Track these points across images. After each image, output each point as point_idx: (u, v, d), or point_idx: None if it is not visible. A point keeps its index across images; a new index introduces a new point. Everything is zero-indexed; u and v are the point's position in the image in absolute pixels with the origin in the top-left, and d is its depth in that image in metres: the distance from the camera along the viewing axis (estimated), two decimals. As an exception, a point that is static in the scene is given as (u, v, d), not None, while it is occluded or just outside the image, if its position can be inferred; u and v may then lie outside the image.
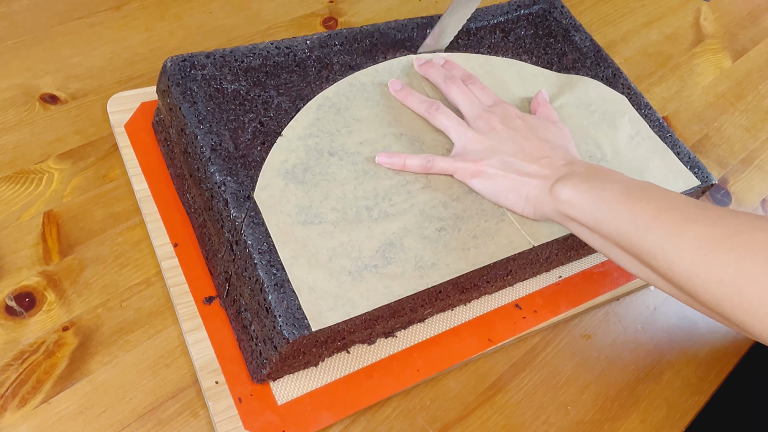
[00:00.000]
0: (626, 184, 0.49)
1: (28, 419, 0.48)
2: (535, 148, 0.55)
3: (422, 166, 0.54)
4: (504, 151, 0.54)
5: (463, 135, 0.55)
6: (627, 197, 0.48)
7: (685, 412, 0.62)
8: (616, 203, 0.48)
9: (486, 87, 0.60)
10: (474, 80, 0.60)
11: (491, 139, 0.55)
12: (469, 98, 0.58)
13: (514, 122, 0.56)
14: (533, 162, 0.54)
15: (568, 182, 0.51)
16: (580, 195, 0.50)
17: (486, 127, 0.56)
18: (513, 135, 0.55)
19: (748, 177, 0.82)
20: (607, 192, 0.49)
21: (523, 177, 0.53)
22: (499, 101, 0.59)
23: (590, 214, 0.49)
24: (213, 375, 0.51)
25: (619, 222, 0.47)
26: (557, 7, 0.70)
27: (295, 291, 0.46)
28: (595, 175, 0.51)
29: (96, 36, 0.68)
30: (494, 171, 0.53)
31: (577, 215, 0.50)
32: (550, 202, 0.52)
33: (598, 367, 0.62)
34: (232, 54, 0.55)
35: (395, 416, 0.54)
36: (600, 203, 0.49)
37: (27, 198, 0.57)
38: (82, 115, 0.63)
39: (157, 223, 0.56)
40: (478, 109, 0.57)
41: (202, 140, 0.50)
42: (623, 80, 0.67)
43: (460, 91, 0.58)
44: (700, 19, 0.97)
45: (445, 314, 0.58)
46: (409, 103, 0.58)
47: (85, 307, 0.53)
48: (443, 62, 0.61)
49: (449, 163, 0.54)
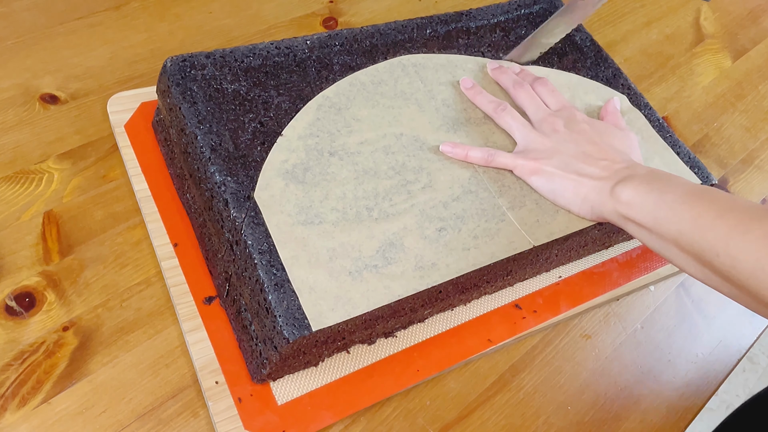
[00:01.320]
0: (688, 186, 0.50)
1: (28, 419, 0.48)
2: (596, 151, 0.56)
3: (484, 158, 0.56)
4: (564, 152, 0.55)
5: (527, 135, 0.57)
6: (689, 198, 0.48)
7: (685, 412, 0.62)
8: (678, 204, 0.49)
9: (556, 90, 0.61)
10: (543, 82, 0.61)
11: (553, 141, 0.56)
12: (536, 102, 0.60)
13: (579, 126, 0.58)
14: (593, 164, 0.55)
15: (629, 184, 0.52)
16: (641, 196, 0.51)
17: (549, 129, 0.57)
18: (575, 138, 0.56)
19: (748, 177, 0.82)
20: (668, 194, 0.49)
21: (582, 178, 0.54)
22: (567, 105, 0.60)
23: (651, 215, 0.50)
24: (213, 375, 0.51)
25: (681, 222, 0.48)
26: (557, 7, 0.70)
27: (295, 291, 0.46)
28: (656, 178, 0.52)
29: (96, 36, 0.68)
30: (553, 170, 0.55)
31: (636, 216, 0.51)
32: (609, 203, 0.52)
33: (598, 367, 0.62)
34: (232, 54, 0.55)
35: (395, 416, 0.54)
36: (661, 204, 0.49)
37: (27, 198, 0.57)
38: (82, 115, 0.63)
39: (157, 223, 0.56)
40: (543, 113, 0.59)
41: (202, 140, 0.50)
42: (623, 80, 0.67)
43: (527, 95, 0.60)
44: (700, 19, 0.97)
45: (445, 314, 0.58)
46: (477, 101, 0.59)
47: (85, 307, 0.53)
48: (519, 70, 0.63)
49: (510, 158, 0.56)
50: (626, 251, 0.67)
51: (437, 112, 0.59)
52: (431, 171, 0.55)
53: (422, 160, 0.55)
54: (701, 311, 0.68)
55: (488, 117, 0.60)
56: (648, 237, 0.51)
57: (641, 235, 0.52)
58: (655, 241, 0.51)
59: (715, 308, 0.69)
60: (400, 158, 0.55)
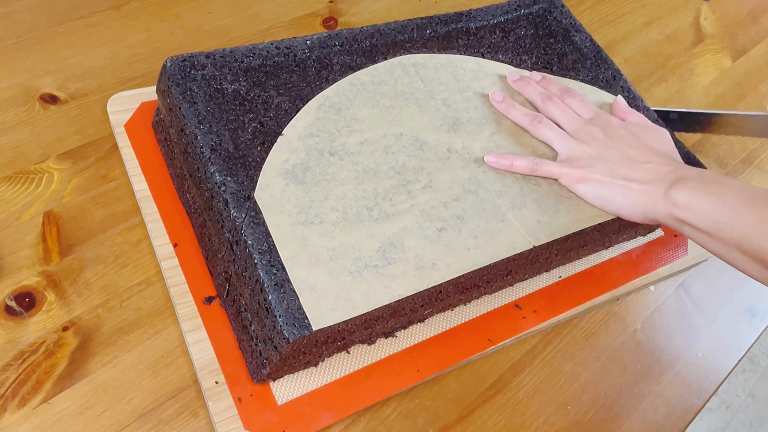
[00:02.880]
0: (745, 188, 0.50)
1: (28, 419, 0.48)
2: (640, 154, 0.56)
3: (529, 167, 0.56)
4: (609, 158, 0.56)
5: (567, 144, 0.57)
6: (751, 201, 0.48)
7: (685, 412, 0.62)
8: (739, 207, 0.48)
9: (585, 99, 0.61)
10: (572, 93, 0.61)
11: (595, 148, 0.56)
12: (568, 114, 0.60)
13: (617, 131, 0.58)
14: (639, 168, 0.55)
15: (684, 186, 0.52)
16: (698, 199, 0.50)
17: (588, 137, 0.57)
18: (616, 143, 0.57)
19: (748, 177, 0.82)
20: (728, 197, 0.49)
21: (631, 183, 0.54)
22: (599, 112, 0.60)
23: (710, 218, 0.50)
24: (213, 375, 0.51)
25: (745, 226, 0.48)
26: (557, 7, 0.70)
27: (295, 291, 0.46)
28: (710, 180, 0.52)
29: (96, 36, 0.68)
30: (601, 177, 0.55)
31: (694, 220, 0.51)
32: (663, 207, 0.52)
33: (598, 367, 0.62)
34: (232, 54, 0.55)
35: (395, 416, 0.54)
36: (721, 207, 0.49)
37: (27, 198, 0.57)
38: (82, 115, 0.63)
39: (157, 223, 0.56)
40: (578, 123, 0.59)
41: (202, 140, 0.50)
42: (623, 82, 0.67)
43: (558, 108, 0.60)
44: (700, 19, 0.97)
45: (445, 314, 0.58)
46: (511, 115, 0.59)
47: (85, 307, 0.53)
48: (540, 78, 0.63)
49: (556, 167, 0.56)
50: (626, 251, 0.67)
51: (437, 111, 0.59)
52: (431, 171, 0.55)
53: (422, 160, 0.55)
54: (701, 311, 0.68)
55: (489, 116, 0.60)
56: (706, 239, 0.51)
57: (699, 237, 0.52)
58: (714, 244, 0.51)
59: (715, 308, 0.69)
60: (400, 158, 0.55)
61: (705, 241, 0.51)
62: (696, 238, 0.52)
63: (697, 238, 0.52)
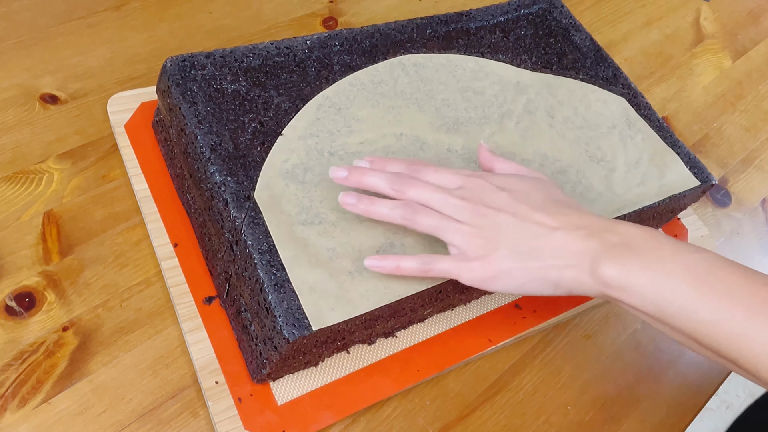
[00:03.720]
0: (685, 261, 0.43)
1: (28, 419, 0.48)
2: (541, 218, 0.47)
3: (420, 269, 0.47)
4: (508, 238, 0.46)
5: (458, 230, 0.47)
6: (697, 282, 0.42)
7: (685, 412, 0.62)
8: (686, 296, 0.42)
9: (436, 166, 0.50)
10: (419, 167, 0.50)
11: (488, 228, 0.46)
12: (434, 190, 0.48)
13: (499, 196, 0.48)
14: (547, 239, 0.46)
15: (613, 262, 0.44)
16: (634, 278, 0.43)
17: (472, 213, 0.47)
18: (508, 215, 0.47)
19: (748, 177, 0.82)
20: (672, 278, 0.43)
21: (545, 261, 0.45)
22: (465, 177, 0.49)
23: (652, 303, 0.43)
24: (213, 375, 0.51)
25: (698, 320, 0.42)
26: (557, 6, 0.70)
27: (295, 291, 0.46)
28: (638, 247, 0.44)
29: (96, 36, 0.68)
30: (508, 265, 0.46)
31: (633, 302, 0.44)
32: (591, 286, 0.45)
33: (598, 367, 0.62)
34: (232, 54, 0.55)
35: (395, 416, 0.54)
36: (665, 294, 0.43)
37: (27, 198, 0.57)
38: (82, 115, 0.63)
39: (157, 223, 0.56)
40: (454, 198, 0.47)
41: (201, 140, 0.50)
42: (623, 80, 0.67)
43: (419, 187, 0.48)
44: (700, 19, 0.97)
45: (445, 314, 0.58)
46: (375, 214, 0.48)
47: (85, 307, 0.53)
48: (369, 162, 0.50)
49: (452, 263, 0.47)
50: (626, 251, 0.67)
51: (437, 111, 0.59)
52: (431, 171, 0.55)
53: (422, 160, 0.55)
54: (701, 311, 0.68)
55: (489, 116, 0.60)
56: (646, 318, 0.45)
57: (637, 314, 0.45)
58: (657, 324, 0.45)
59: (715, 308, 0.69)
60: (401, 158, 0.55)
61: (644, 318, 0.45)
62: (634, 313, 0.45)
63: (636, 314, 0.45)
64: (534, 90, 0.63)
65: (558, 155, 0.60)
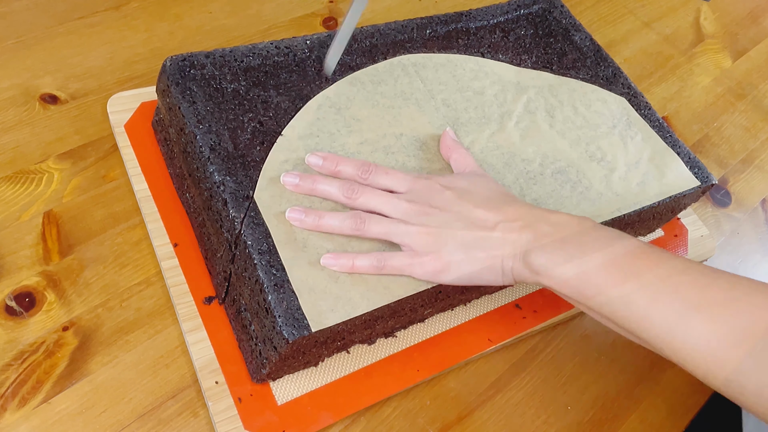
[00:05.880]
0: (607, 248, 0.46)
1: (28, 419, 0.48)
2: (482, 213, 0.50)
3: (374, 266, 0.48)
4: (455, 233, 0.49)
5: (406, 232, 0.49)
6: (612, 270, 0.45)
7: (685, 412, 0.62)
8: (603, 283, 0.45)
9: (387, 168, 0.52)
10: (370, 168, 0.51)
11: (436, 225, 0.49)
12: (384, 197, 0.50)
13: (444, 195, 0.50)
14: (490, 231, 0.49)
15: (541, 251, 0.47)
16: (558, 267, 0.47)
17: (420, 214, 0.50)
18: (453, 212, 0.50)
19: (748, 177, 0.82)
20: (590, 263, 0.46)
21: (489, 252, 0.49)
22: (413, 179, 0.52)
23: (574, 288, 0.47)
24: (213, 375, 0.51)
25: (612, 303, 0.45)
26: (557, 6, 0.70)
27: (294, 291, 0.46)
28: (567, 235, 0.48)
29: (96, 36, 0.68)
30: (457, 258, 0.49)
31: (559, 288, 0.47)
32: (528, 275, 0.48)
33: (598, 367, 0.62)
34: (232, 54, 0.55)
35: (395, 416, 0.54)
36: (584, 279, 0.46)
37: (27, 198, 0.57)
38: (82, 115, 0.63)
39: (157, 223, 0.56)
40: (402, 202, 0.50)
41: (201, 140, 0.50)
42: (623, 80, 0.67)
43: (370, 195, 0.50)
44: (700, 19, 0.97)
45: (445, 314, 0.58)
46: (326, 226, 0.49)
47: (85, 307, 0.53)
48: (322, 158, 0.51)
49: (405, 260, 0.49)
50: (626, 251, 0.67)
51: (437, 112, 0.59)
52: (431, 171, 0.55)
53: (422, 161, 0.55)
54: (701, 311, 0.68)
55: (489, 116, 0.60)
56: (574, 302, 0.48)
57: (567, 299, 0.49)
58: (584, 307, 0.48)
59: (715, 308, 0.69)
60: (400, 158, 0.55)
61: (583, 308, 0.48)
62: (563, 297, 0.49)
63: (564, 297, 0.49)
64: (534, 90, 0.63)
65: (558, 155, 0.60)
